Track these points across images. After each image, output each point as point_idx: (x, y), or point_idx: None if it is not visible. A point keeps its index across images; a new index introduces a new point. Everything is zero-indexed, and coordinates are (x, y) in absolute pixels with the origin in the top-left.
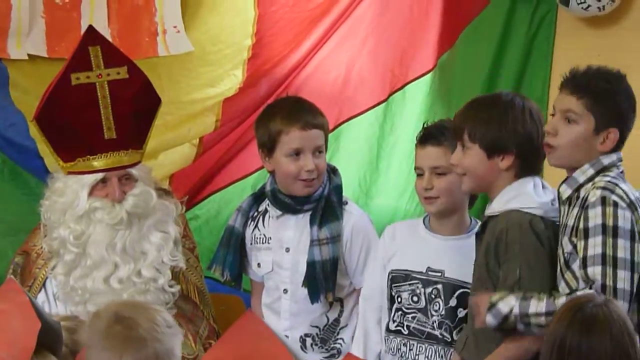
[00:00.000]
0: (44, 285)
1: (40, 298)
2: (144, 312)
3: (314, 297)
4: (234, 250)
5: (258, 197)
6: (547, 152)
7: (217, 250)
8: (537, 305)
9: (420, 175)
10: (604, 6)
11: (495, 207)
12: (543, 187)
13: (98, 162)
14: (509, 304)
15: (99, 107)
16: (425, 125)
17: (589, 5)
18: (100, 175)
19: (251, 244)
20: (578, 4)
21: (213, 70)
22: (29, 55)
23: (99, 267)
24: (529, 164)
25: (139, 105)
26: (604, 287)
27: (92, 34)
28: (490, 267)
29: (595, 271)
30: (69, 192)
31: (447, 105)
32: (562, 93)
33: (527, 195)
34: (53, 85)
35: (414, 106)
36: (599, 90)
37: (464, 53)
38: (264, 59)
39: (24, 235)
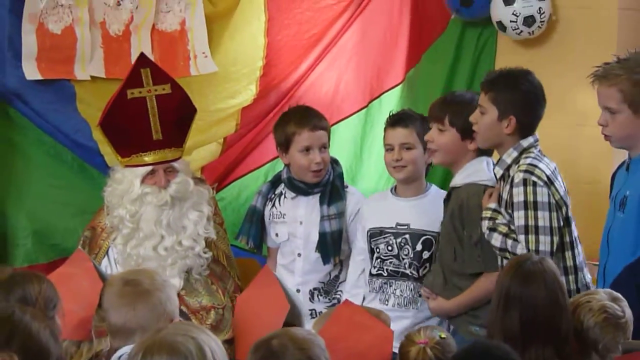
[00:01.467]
0: (107, 253)
1: (104, 263)
2: (143, 273)
3: (326, 260)
4: (256, 224)
5: (274, 183)
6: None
7: (242, 225)
8: (496, 239)
9: (389, 150)
10: (533, 31)
11: (458, 180)
12: (493, 164)
13: (148, 157)
14: (484, 226)
15: (149, 115)
16: (391, 114)
17: (521, 31)
18: (150, 168)
19: (269, 219)
20: (513, 30)
21: (233, 86)
22: (91, 76)
23: (149, 238)
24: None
25: (179, 114)
26: (528, 251)
27: (143, 59)
28: (455, 227)
29: (520, 239)
30: (126, 181)
31: (414, 109)
32: (480, 90)
33: (482, 171)
34: (113, 99)
35: (388, 110)
36: (500, 86)
37: (426, 69)
38: (272, 76)
39: (89, 216)
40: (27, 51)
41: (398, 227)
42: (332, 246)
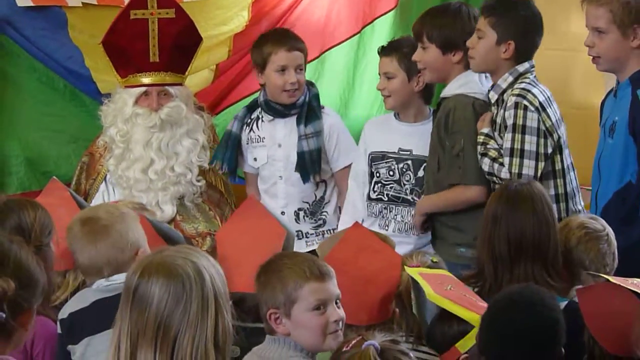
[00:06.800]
0: (105, 178)
1: (101, 188)
2: (99, 208)
3: (305, 178)
4: (232, 148)
5: (251, 107)
6: (469, 62)
7: (216, 150)
8: (485, 164)
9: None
10: None
11: (448, 91)
12: (485, 76)
13: (146, 79)
14: (478, 152)
15: (148, 37)
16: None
17: None
18: (144, 89)
19: (247, 143)
20: None
21: (225, 12)
22: (82, 3)
23: (139, 161)
24: None
25: (181, 39)
26: (511, 174)
27: None
28: (440, 136)
29: (505, 161)
30: (120, 100)
31: (406, 34)
32: (479, 15)
33: (473, 83)
34: (116, 18)
35: (381, 36)
36: (500, 11)
37: None
38: (264, 2)
39: (82, 143)
40: None
41: (401, 152)
42: (310, 165)
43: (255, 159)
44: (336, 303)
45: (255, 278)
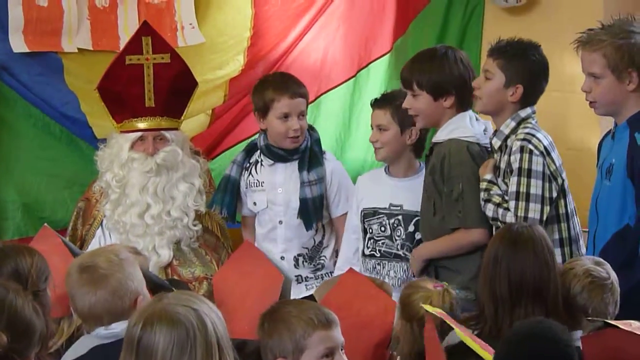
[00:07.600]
0: (101, 223)
1: (98, 234)
2: (98, 256)
3: (308, 226)
4: (231, 193)
5: (249, 151)
6: (473, 102)
7: (215, 194)
8: (489, 210)
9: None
10: None
11: (440, 136)
12: (476, 119)
13: (142, 124)
14: (480, 197)
15: (144, 82)
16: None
17: None
18: (139, 134)
19: (246, 187)
20: None
21: (220, 57)
22: (78, 48)
23: (135, 206)
24: (465, 100)
25: (176, 84)
26: (517, 217)
27: (146, 27)
28: (435, 182)
29: (510, 205)
30: (116, 146)
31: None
32: (487, 57)
33: (465, 128)
34: (111, 64)
35: (376, 80)
36: (510, 54)
37: (414, 38)
38: (260, 47)
39: (78, 188)
40: (14, 24)
41: (391, 207)
42: (313, 212)
43: (255, 204)
44: (341, 350)
45: (258, 326)
